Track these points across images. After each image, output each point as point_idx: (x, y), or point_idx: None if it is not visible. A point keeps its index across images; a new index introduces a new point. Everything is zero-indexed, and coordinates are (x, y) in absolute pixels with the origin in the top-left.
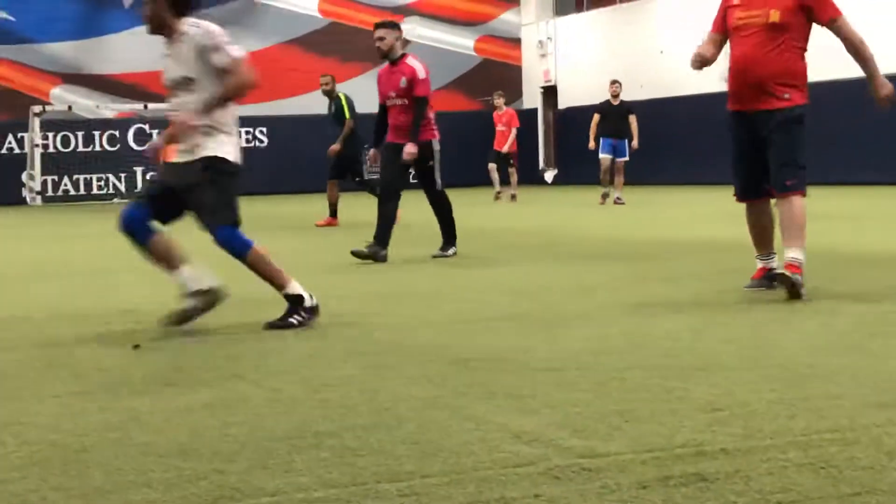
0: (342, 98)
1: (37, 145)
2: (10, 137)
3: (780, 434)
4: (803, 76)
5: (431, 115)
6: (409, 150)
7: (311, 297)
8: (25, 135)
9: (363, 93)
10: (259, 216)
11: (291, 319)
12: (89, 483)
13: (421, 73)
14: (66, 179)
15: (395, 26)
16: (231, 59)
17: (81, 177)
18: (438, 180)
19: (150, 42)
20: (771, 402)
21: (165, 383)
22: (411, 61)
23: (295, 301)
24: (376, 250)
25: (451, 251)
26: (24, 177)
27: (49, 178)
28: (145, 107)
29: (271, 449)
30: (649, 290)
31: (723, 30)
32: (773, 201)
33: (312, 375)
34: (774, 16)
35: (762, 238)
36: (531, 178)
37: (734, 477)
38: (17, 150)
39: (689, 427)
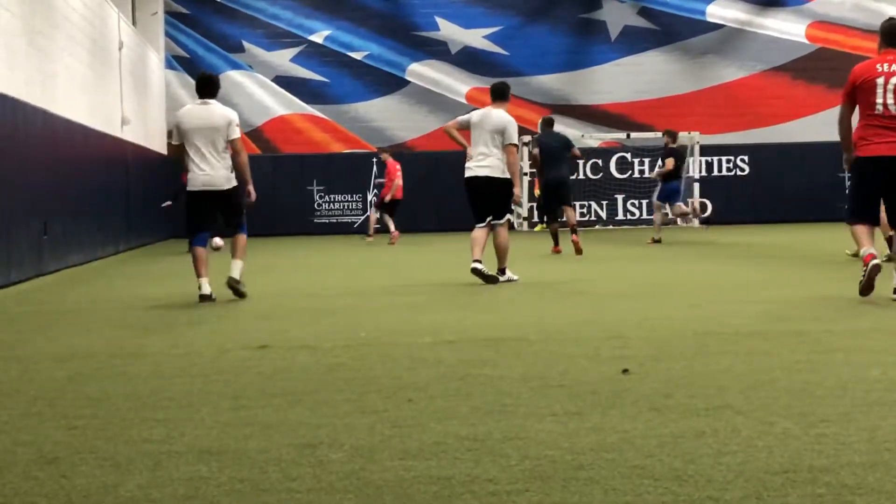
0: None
1: (525, 174)
2: None
3: None
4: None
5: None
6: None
7: None
8: None
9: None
10: (735, 244)
11: None
12: (588, 501)
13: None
14: None
15: None
16: None
17: None
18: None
19: (635, 74)
20: None
21: (654, 408)
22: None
23: None
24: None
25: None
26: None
27: (534, 206)
28: (628, 136)
29: (766, 481)
30: None
31: None
32: None
33: (807, 410)
34: None
35: None
36: None
37: None
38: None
39: None
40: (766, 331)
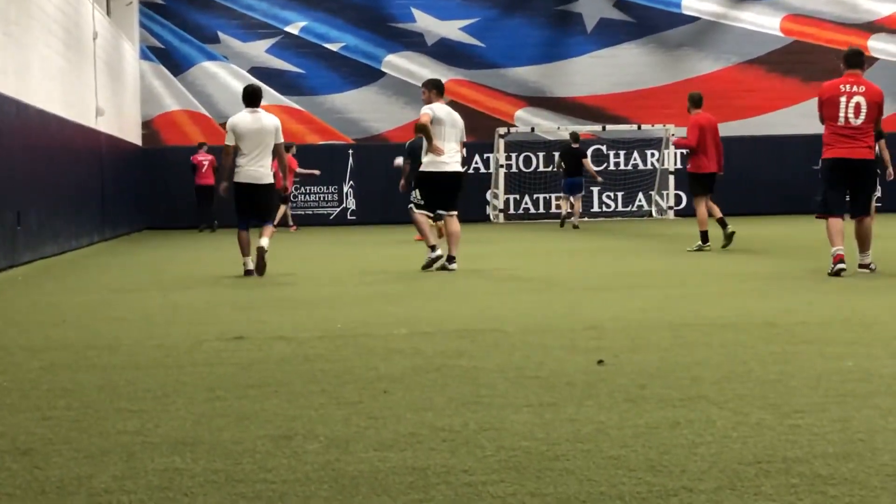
0: None
1: (501, 166)
2: (477, 158)
3: None
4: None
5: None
6: None
7: None
8: (491, 155)
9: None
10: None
11: None
12: (563, 491)
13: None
14: (526, 198)
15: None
16: None
17: (541, 196)
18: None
19: (611, 66)
20: None
21: (629, 399)
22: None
23: None
24: None
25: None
26: (488, 195)
27: (511, 197)
28: (603, 128)
29: (740, 471)
30: None
31: None
32: None
33: (781, 401)
34: None
35: None
36: None
37: None
38: (482, 170)
39: None
40: (740, 322)
